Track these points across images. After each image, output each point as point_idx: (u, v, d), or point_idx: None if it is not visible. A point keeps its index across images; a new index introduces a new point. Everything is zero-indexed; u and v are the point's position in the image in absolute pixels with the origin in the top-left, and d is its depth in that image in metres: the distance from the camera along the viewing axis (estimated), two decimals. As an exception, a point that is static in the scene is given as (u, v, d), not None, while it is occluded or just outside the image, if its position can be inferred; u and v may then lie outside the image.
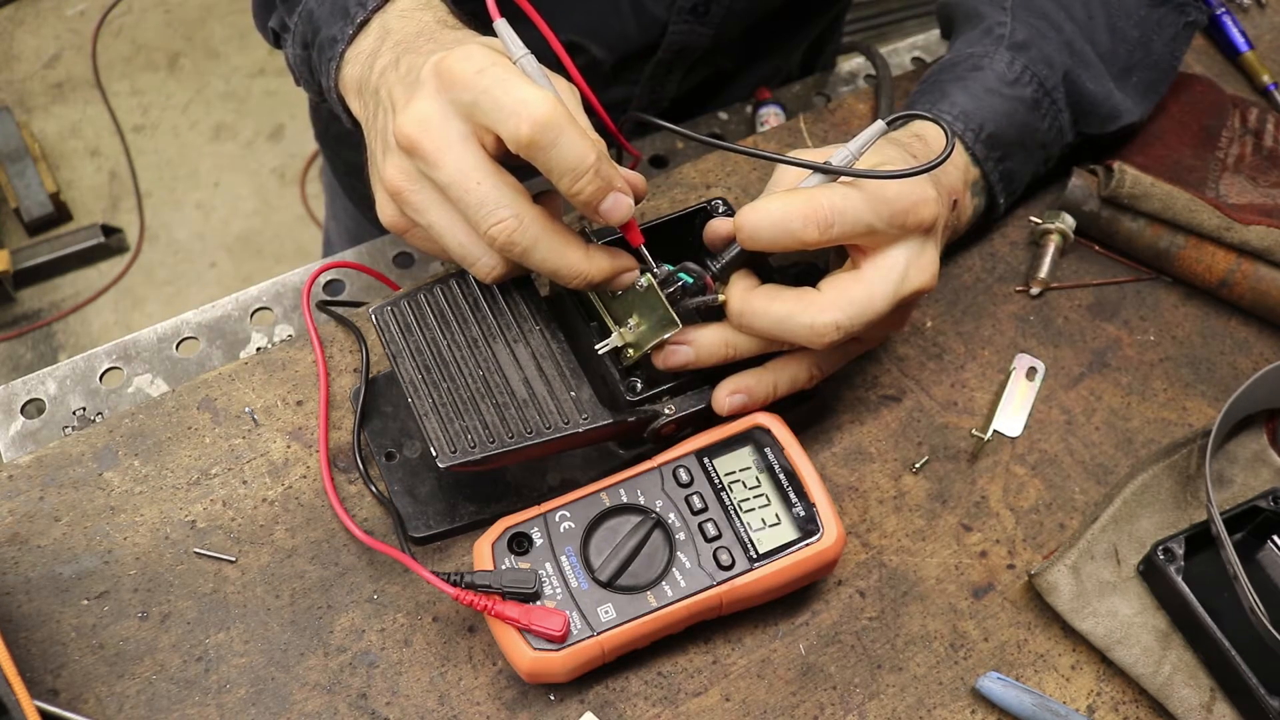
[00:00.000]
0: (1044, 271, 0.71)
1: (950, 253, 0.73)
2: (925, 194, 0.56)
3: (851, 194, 0.54)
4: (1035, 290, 0.72)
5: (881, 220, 0.55)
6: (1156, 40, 0.74)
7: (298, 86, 0.71)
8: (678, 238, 0.62)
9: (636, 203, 0.56)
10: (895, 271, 0.56)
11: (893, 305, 0.56)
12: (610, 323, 0.59)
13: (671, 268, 0.57)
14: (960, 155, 0.67)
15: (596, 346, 0.57)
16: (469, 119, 0.52)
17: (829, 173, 0.56)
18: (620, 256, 0.56)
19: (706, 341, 0.57)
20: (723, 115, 0.85)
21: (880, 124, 0.56)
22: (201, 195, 2.28)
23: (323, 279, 0.74)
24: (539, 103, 0.49)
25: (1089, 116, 0.71)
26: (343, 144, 0.99)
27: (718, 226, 0.59)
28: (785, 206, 0.54)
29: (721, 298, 0.57)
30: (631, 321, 0.57)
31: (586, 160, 0.51)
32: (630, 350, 0.57)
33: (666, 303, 0.55)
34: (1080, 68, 0.70)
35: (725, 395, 0.58)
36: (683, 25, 0.81)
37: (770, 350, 0.58)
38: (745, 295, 0.56)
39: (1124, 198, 0.71)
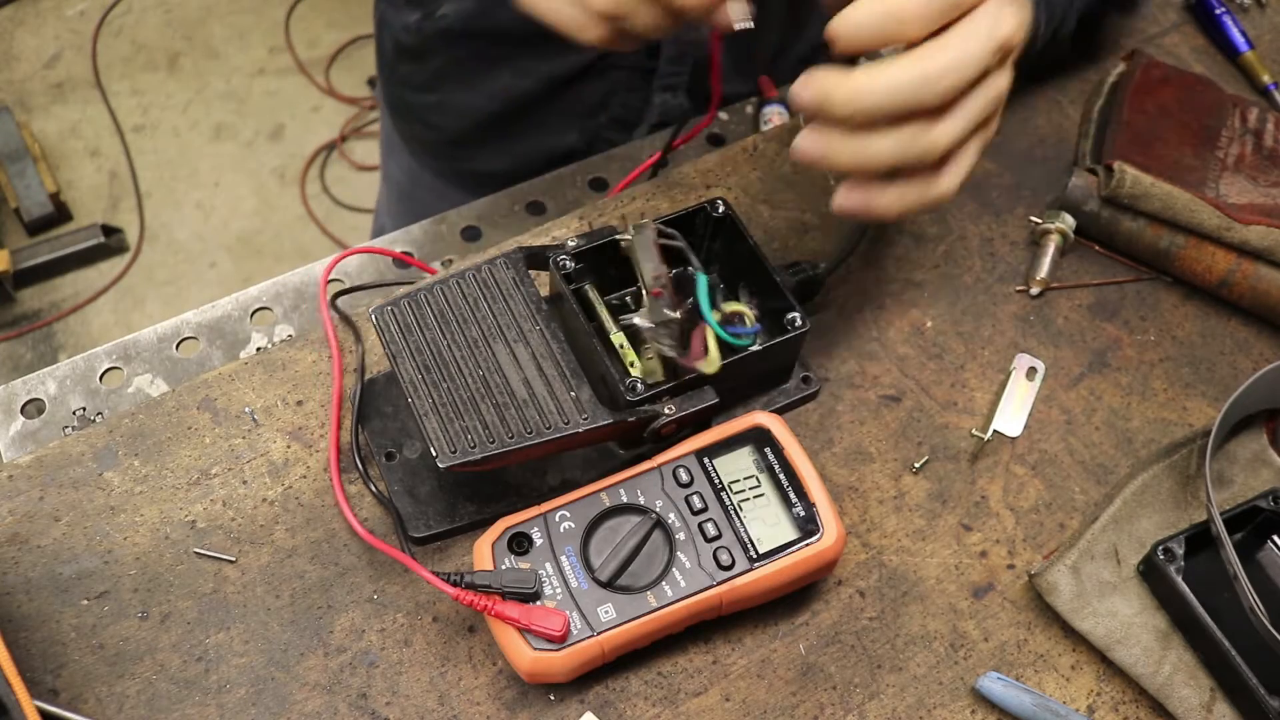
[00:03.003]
0: (1044, 271, 0.71)
1: (950, 252, 0.73)
2: None
3: None
4: (1035, 290, 0.72)
5: None
6: None
7: None
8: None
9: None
10: (986, 17, 0.50)
11: (993, 48, 0.50)
12: (611, 323, 0.59)
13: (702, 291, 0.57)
14: None
15: (622, 319, 0.58)
16: None
17: None
18: None
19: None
20: (723, 115, 0.85)
21: None
22: (201, 195, 2.29)
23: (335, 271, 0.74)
24: None
25: None
26: (406, 87, 0.99)
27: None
28: None
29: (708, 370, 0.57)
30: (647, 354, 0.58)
31: None
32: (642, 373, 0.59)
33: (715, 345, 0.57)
34: None
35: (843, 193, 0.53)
36: None
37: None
38: (828, 76, 0.49)
39: (1124, 198, 0.71)
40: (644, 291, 0.58)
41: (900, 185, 0.53)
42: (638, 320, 0.58)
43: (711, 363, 0.57)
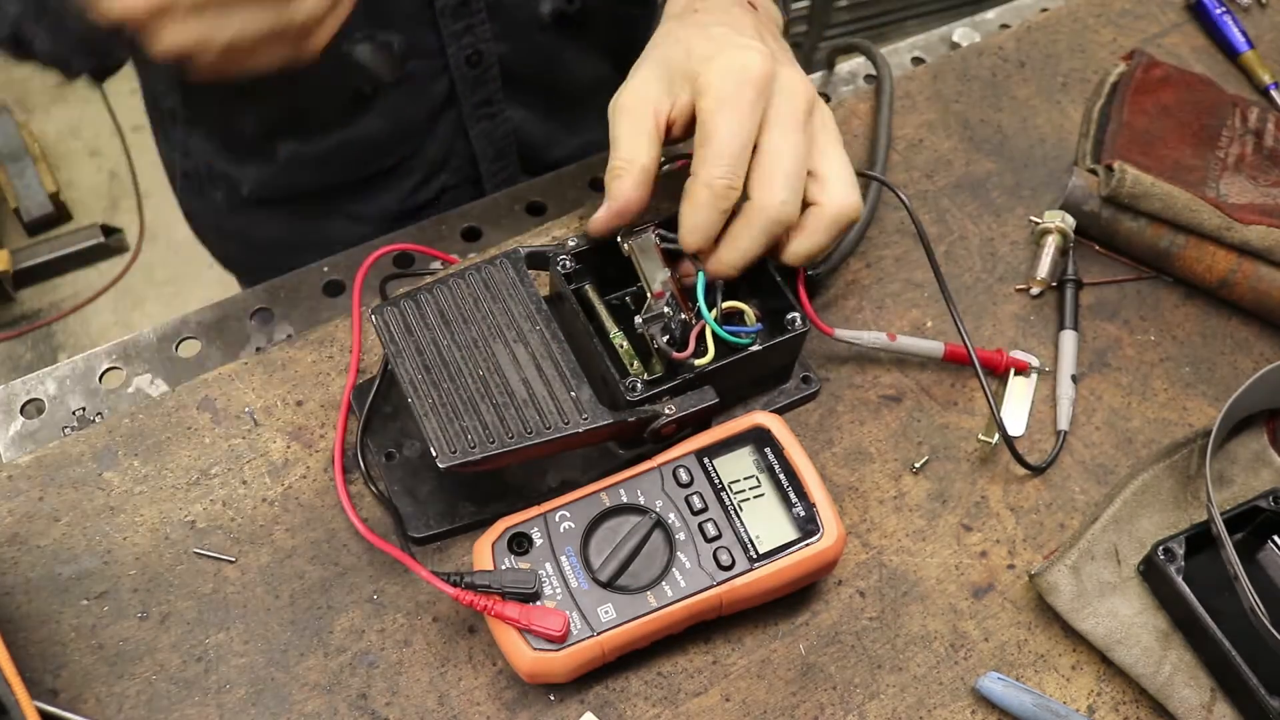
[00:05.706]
0: (1044, 271, 0.71)
1: (950, 253, 0.73)
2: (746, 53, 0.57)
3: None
4: (1035, 290, 0.72)
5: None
6: None
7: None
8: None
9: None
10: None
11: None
12: (611, 323, 0.59)
13: (703, 302, 0.58)
14: None
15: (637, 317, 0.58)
16: None
17: None
18: None
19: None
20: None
21: None
22: (201, 195, 2.28)
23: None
24: None
25: None
26: (249, 227, 1.00)
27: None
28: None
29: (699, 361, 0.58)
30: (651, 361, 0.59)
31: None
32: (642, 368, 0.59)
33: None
34: None
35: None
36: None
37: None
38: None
39: (1124, 197, 0.71)
40: (647, 293, 0.58)
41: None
42: (640, 321, 0.58)
43: (706, 358, 0.57)
